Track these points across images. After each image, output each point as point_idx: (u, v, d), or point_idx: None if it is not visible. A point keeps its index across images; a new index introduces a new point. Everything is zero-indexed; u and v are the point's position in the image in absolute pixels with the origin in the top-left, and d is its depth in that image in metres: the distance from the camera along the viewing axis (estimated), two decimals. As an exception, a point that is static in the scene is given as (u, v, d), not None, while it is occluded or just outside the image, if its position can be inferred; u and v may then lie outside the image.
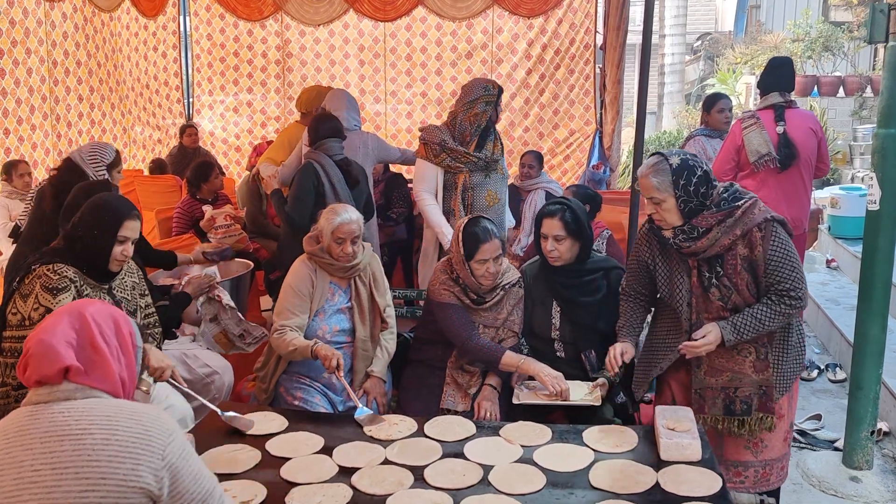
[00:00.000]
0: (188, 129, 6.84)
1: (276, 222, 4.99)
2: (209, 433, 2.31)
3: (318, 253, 2.98)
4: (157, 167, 6.66)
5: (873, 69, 11.51)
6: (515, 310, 2.90)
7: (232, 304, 3.28)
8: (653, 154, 2.45)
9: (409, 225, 5.49)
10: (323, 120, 3.94)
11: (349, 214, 2.93)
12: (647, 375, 2.63)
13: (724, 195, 2.38)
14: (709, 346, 2.39)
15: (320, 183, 3.77)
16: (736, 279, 2.38)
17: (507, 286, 2.90)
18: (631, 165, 11.15)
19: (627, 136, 13.79)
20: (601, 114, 6.80)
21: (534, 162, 5.33)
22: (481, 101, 3.60)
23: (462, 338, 2.80)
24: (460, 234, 2.85)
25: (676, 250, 2.44)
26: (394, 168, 6.21)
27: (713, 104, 4.78)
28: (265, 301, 4.88)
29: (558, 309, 2.87)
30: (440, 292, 2.91)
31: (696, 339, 2.39)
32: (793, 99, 4.19)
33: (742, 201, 2.37)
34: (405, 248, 5.41)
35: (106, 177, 3.34)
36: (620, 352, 2.58)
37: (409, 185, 6.34)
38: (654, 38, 8.91)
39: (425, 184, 3.71)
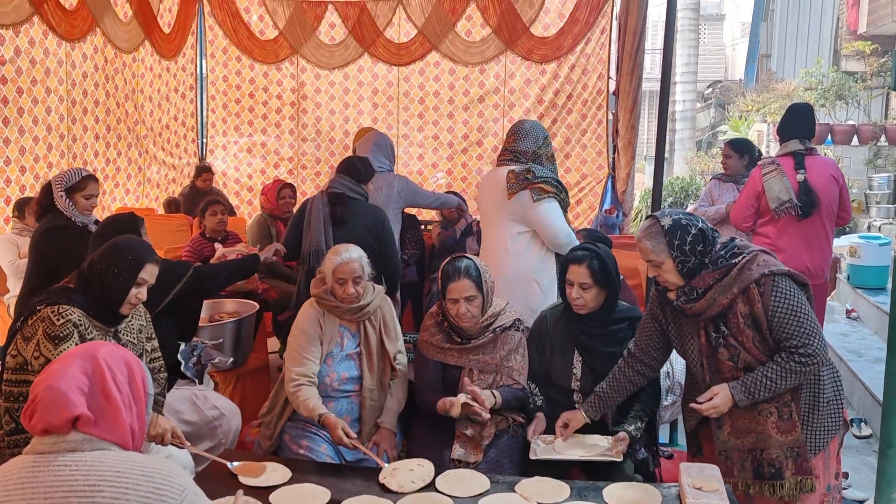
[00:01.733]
0: (204, 174, 6.85)
1: (287, 262, 4.96)
2: (211, 482, 2.21)
3: (323, 295, 2.93)
4: (172, 206, 6.68)
5: (886, 118, 11.52)
6: (513, 355, 2.80)
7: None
8: (647, 217, 2.41)
9: (420, 267, 5.43)
10: (346, 159, 4.01)
11: (349, 254, 2.88)
12: (688, 426, 2.55)
13: (722, 252, 2.32)
14: (717, 408, 2.30)
15: (303, 216, 3.81)
16: (741, 338, 2.30)
17: (498, 329, 2.81)
18: (644, 211, 11.13)
19: (639, 180, 13.81)
20: (614, 158, 6.80)
21: None
22: (548, 139, 3.48)
23: (419, 391, 2.84)
24: (439, 271, 2.83)
25: (681, 311, 2.39)
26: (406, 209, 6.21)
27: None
28: (273, 343, 4.82)
29: (580, 358, 2.78)
30: (422, 341, 2.89)
31: (701, 402, 2.32)
32: (813, 146, 4.14)
33: (740, 258, 2.30)
34: (416, 290, 5.34)
35: (65, 199, 3.53)
36: (563, 423, 2.56)
37: (422, 227, 6.35)
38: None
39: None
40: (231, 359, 3.43)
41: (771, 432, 2.32)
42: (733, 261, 2.30)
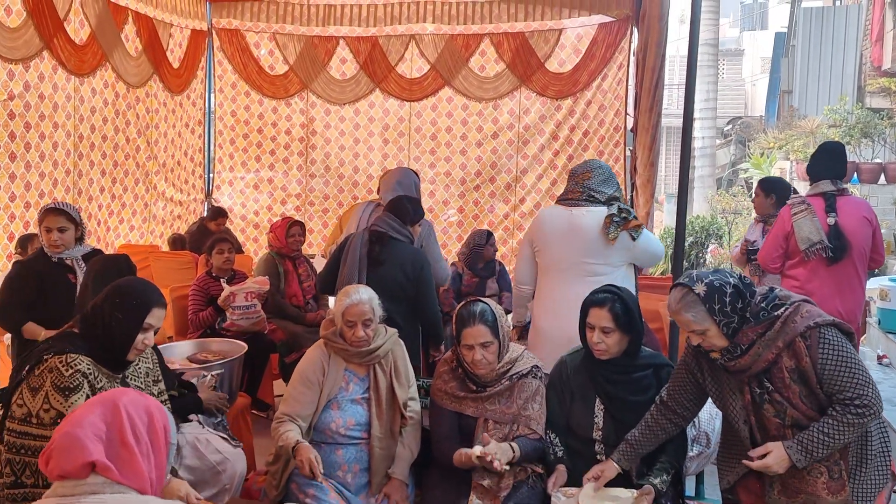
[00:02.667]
0: (220, 219, 6.80)
1: (294, 302, 4.99)
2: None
3: (331, 337, 2.94)
4: (177, 244, 6.72)
5: (914, 156, 11.53)
6: (530, 403, 2.76)
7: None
8: (674, 286, 2.37)
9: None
10: (396, 197, 3.91)
11: (359, 295, 2.89)
12: (724, 482, 2.52)
13: (763, 305, 2.30)
14: (769, 468, 2.26)
15: (342, 250, 3.73)
16: (787, 393, 2.27)
17: (515, 376, 2.79)
18: (670, 251, 11.11)
19: (658, 219, 13.82)
20: (632, 196, 6.83)
21: None
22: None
23: (434, 441, 2.82)
24: (454, 315, 2.83)
25: (724, 368, 2.37)
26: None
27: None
28: (279, 386, 4.81)
29: (602, 407, 2.74)
30: (436, 389, 2.87)
31: (753, 458, 2.29)
32: (845, 186, 4.11)
33: (782, 310, 2.28)
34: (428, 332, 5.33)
35: (40, 234, 3.64)
36: (595, 475, 2.53)
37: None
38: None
39: None
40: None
41: (821, 493, 2.28)
42: (776, 313, 2.28)
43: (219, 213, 6.90)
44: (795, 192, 4.91)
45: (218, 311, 4.54)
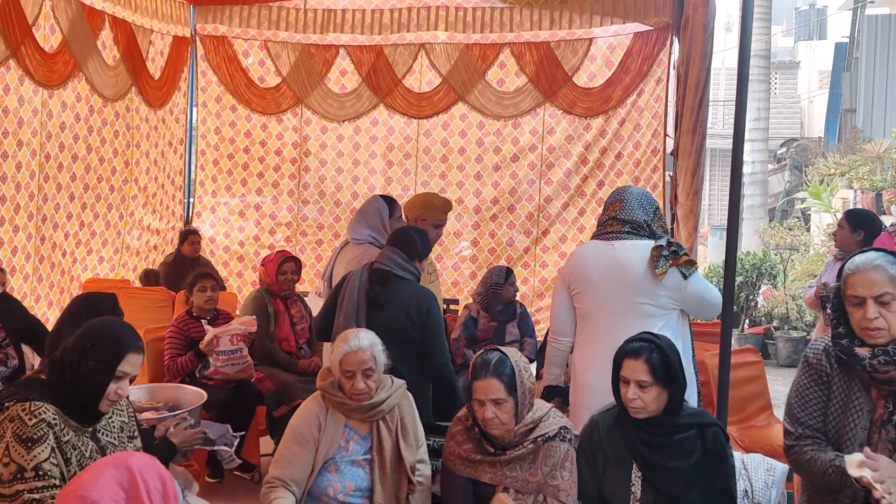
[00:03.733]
0: (191, 237, 7.02)
1: (286, 347, 5.02)
2: None
3: (329, 389, 2.98)
4: (150, 279, 6.80)
5: None
6: (558, 471, 2.75)
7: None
8: (870, 250, 2.43)
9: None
10: (402, 228, 3.99)
11: (359, 341, 2.93)
12: None
13: None
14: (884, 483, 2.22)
15: (340, 290, 3.73)
16: None
17: (540, 438, 2.78)
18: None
19: (702, 255, 13.80)
20: (673, 229, 6.86)
21: None
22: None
23: None
24: (471, 363, 2.88)
25: (865, 375, 2.38)
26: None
27: None
28: (266, 444, 4.82)
29: (639, 474, 2.74)
30: (449, 452, 2.88)
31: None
32: None
33: None
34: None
35: None
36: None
37: (444, 306, 6.41)
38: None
39: None
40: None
41: None
42: None
43: (189, 233, 7.05)
44: (884, 227, 4.93)
45: (199, 356, 4.57)
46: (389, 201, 4.35)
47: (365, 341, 2.94)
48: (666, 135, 7.03)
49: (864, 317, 2.37)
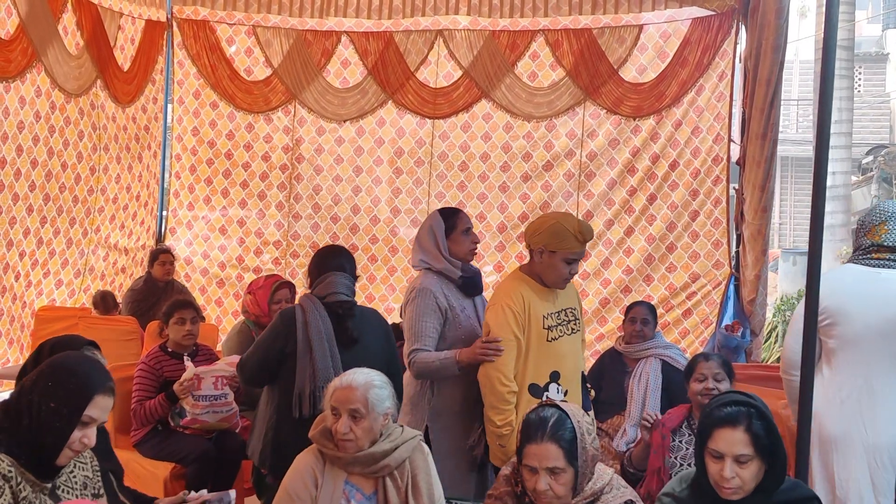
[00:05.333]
0: (162, 257, 7.07)
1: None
2: None
3: (318, 437, 3.02)
4: (102, 304, 6.83)
5: None
6: None
7: None
8: None
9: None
10: (325, 250, 4.25)
11: (352, 377, 2.98)
12: None
13: None
14: None
15: (290, 336, 3.82)
16: None
17: None
18: (780, 327, 11.05)
19: (772, 283, 13.79)
20: (738, 253, 6.88)
21: (648, 317, 5.40)
22: None
23: None
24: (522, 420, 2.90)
25: None
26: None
27: None
28: (253, 504, 4.86)
29: (727, 568, 2.68)
30: None
31: None
32: None
33: None
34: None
35: None
36: None
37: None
38: (810, 152, 9.01)
39: None
40: None
41: None
42: None
43: (160, 252, 7.11)
44: None
45: (171, 400, 4.60)
46: (448, 214, 4.22)
47: (360, 379, 2.98)
48: (731, 140, 7.06)
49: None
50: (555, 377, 3.74)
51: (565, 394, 3.78)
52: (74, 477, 2.62)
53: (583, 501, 2.78)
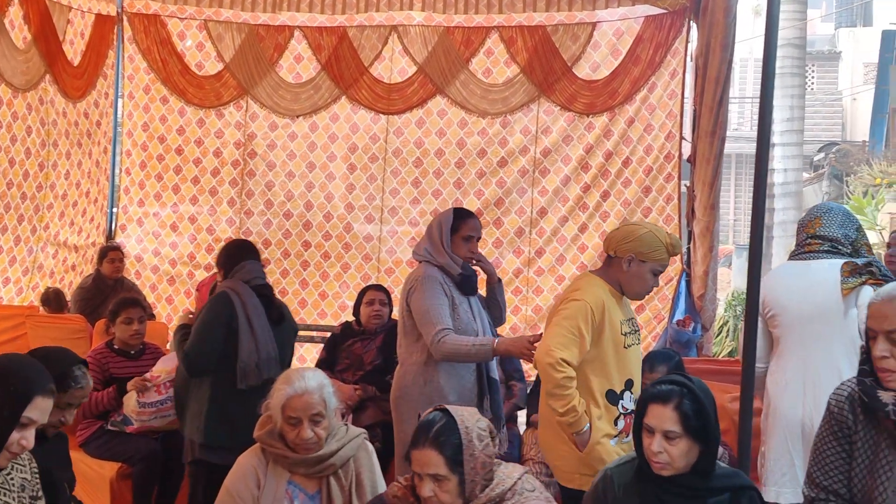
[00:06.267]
0: (111, 254, 7.01)
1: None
2: None
3: (268, 439, 3.02)
4: (53, 301, 6.78)
5: None
6: None
7: None
8: None
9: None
10: (236, 243, 4.71)
11: (305, 382, 2.97)
12: None
13: None
14: None
15: (233, 316, 4.16)
16: None
17: None
18: (731, 322, 11.17)
19: (723, 278, 13.94)
20: (689, 249, 6.96)
21: None
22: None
23: None
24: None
25: (891, 425, 2.46)
26: (397, 313, 6.32)
27: None
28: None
29: (660, 543, 2.74)
30: None
31: None
32: None
33: None
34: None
35: None
36: None
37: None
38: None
39: None
40: None
41: None
42: None
43: (109, 250, 7.07)
44: None
45: (120, 393, 4.64)
46: (459, 215, 4.34)
47: (312, 382, 2.99)
48: (682, 138, 7.14)
49: (874, 354, 2.48)
50: (629, 385, 3.70)
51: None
52: (12, 479, 2.60)
53: None
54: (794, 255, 3.94)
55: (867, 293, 3.55)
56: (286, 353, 4.51)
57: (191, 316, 4.51)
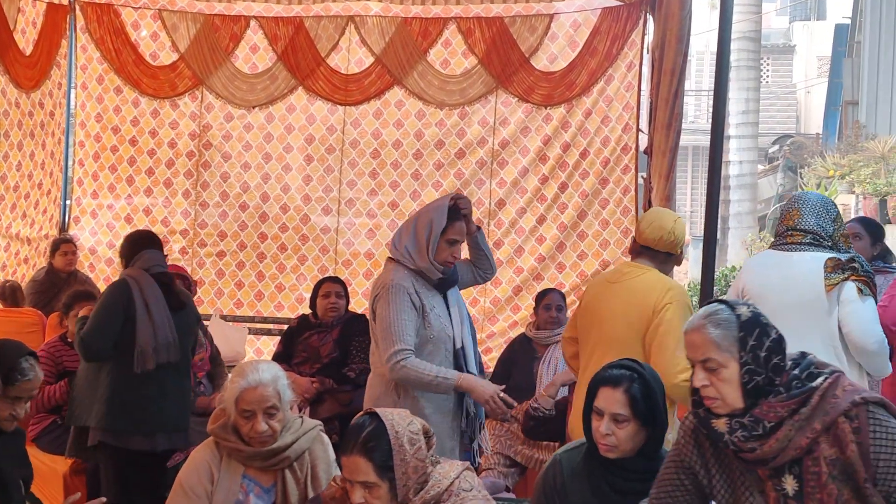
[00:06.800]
0: (63, 246, 6.96)
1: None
2: None
3: (222, 433, 3.02)
4: (9, 297, 6.70)
5: None
6: None
7: None
8: (711, 301, 2.54)
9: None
10: (138, 233, 4.96)
11: (259, 375, 2.97)
12: None
13: (796, 373, 2.42)
14: None
15: (130, 302, 4.27)
16: (821, 495, 2.36)
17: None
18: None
19: (679, 270, 14.09)
20: (646, 241, 7.03)
21: (562, 303, 5.53)
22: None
23: None
24: None
25: (735, 454, 2.45)
26: (354, 305, 6.33)
27: None
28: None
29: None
30: None
31: None
32: None
33: (820, 380, 2.40)
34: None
35: None
36: None
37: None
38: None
39: None
40: None
41: None
42: (812, 384, 2.40)
43: (61, 242, 7.02)
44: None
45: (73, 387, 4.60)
46: (452, 216, 4.00)
47: (267, 375, 2.98)
48: (639, 130, 7.20)
49: (694, 385, 2.48)
50: None
51: None
52: None
53: None
54: (775, 245, 3.96)
55: (850, 290, 3.67)
56: (187, 340, 4.62)
57: None
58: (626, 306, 3.77)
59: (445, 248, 3.91)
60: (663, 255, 3.81)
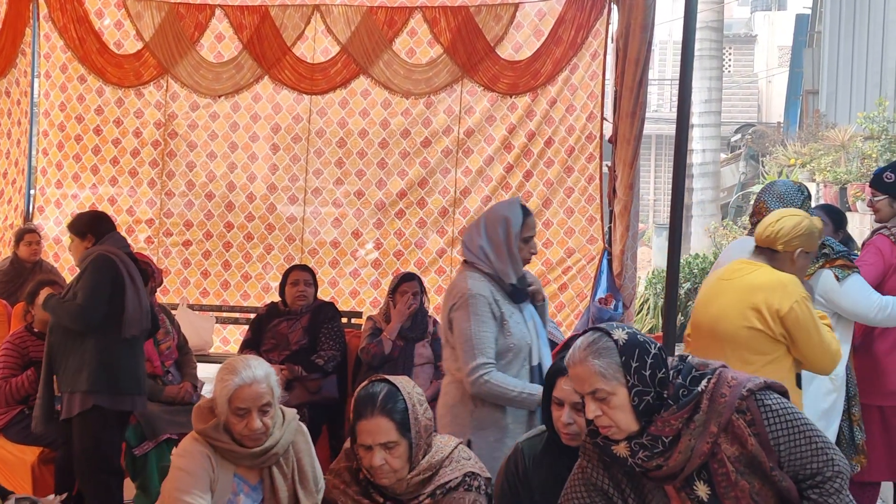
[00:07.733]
0: (27, 236, 6.94)
1: (148, 370, 5.02)
2: None
3: (212, 433, 2.99)
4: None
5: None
6: None
7: None
8: (587, 331, 2.54)
9: (341, 378, 5.56)
10: (98, 213, 5.39)
11: (252, 371, 2.96)
12: None
13: (680, 381, 2.46)
14: None
15: (118, 275, 4.53)
16: (734, 492, 2.41)
17: (440, 490, 2.81)
18: (651, 299, 11.46)
19: (644, 257, 14.24)
20: (611, 228, 7.11)
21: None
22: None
23: None
24: (353, 398, 2.91)
25: (643, 474, 2.48)
26: (322, 293, 6.36)
27: None
28: (128, 487, 4.82)
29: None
30: (332, 485, 2.92)
31: None
32: None
33: (705, 381, 2.45)
34: (335, 411, 5.45)
35: None
36: None
37: (344, 321, 6.48)
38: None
39: None
40: None
41: None
42: (698, 388, 2.44)
43: (25, 232, 6.99)
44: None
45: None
46: (526, 212, 3.92)
47: (260, 371, 2.98)
48: (603, 118, 7.27)
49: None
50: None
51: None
52: None
53: (420, 476, 2.82)
54: (752, 233, 4.05)
55: (826, 280, 3.87)
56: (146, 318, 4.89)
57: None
58: (739, 303, 3.72)
59: (522, 245, 3.83)
60: (770, 252, 3.75)
